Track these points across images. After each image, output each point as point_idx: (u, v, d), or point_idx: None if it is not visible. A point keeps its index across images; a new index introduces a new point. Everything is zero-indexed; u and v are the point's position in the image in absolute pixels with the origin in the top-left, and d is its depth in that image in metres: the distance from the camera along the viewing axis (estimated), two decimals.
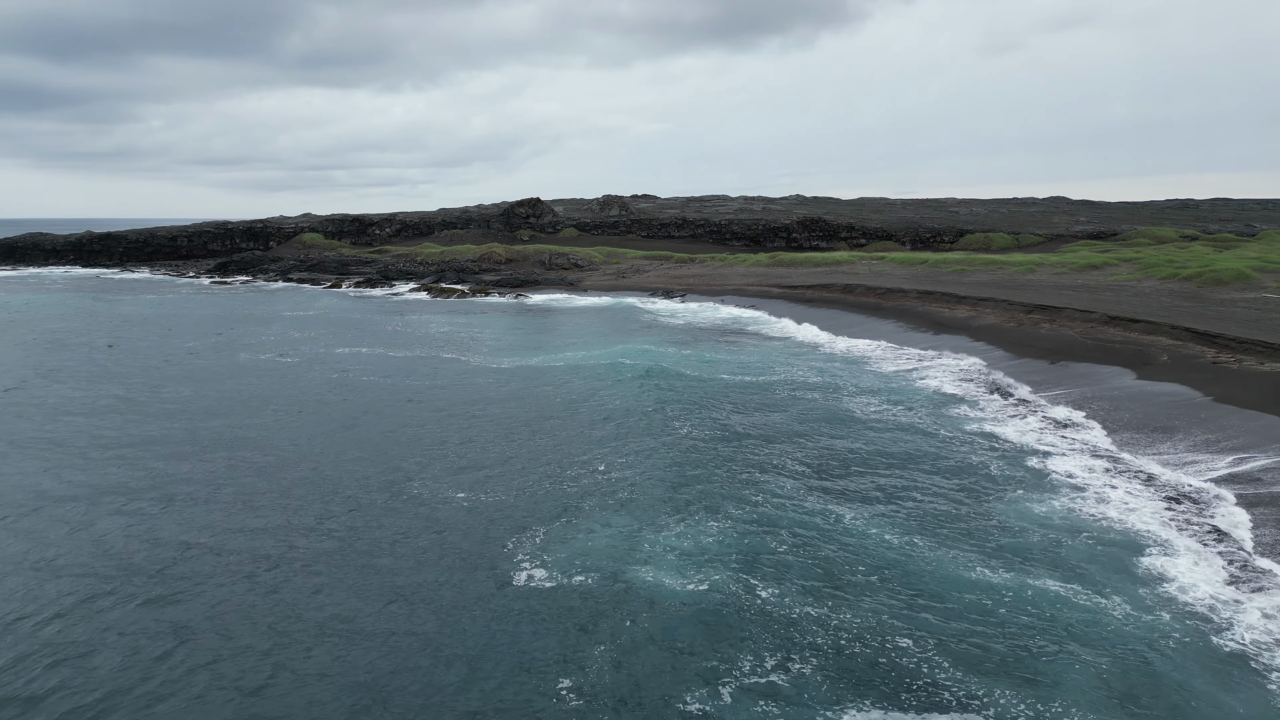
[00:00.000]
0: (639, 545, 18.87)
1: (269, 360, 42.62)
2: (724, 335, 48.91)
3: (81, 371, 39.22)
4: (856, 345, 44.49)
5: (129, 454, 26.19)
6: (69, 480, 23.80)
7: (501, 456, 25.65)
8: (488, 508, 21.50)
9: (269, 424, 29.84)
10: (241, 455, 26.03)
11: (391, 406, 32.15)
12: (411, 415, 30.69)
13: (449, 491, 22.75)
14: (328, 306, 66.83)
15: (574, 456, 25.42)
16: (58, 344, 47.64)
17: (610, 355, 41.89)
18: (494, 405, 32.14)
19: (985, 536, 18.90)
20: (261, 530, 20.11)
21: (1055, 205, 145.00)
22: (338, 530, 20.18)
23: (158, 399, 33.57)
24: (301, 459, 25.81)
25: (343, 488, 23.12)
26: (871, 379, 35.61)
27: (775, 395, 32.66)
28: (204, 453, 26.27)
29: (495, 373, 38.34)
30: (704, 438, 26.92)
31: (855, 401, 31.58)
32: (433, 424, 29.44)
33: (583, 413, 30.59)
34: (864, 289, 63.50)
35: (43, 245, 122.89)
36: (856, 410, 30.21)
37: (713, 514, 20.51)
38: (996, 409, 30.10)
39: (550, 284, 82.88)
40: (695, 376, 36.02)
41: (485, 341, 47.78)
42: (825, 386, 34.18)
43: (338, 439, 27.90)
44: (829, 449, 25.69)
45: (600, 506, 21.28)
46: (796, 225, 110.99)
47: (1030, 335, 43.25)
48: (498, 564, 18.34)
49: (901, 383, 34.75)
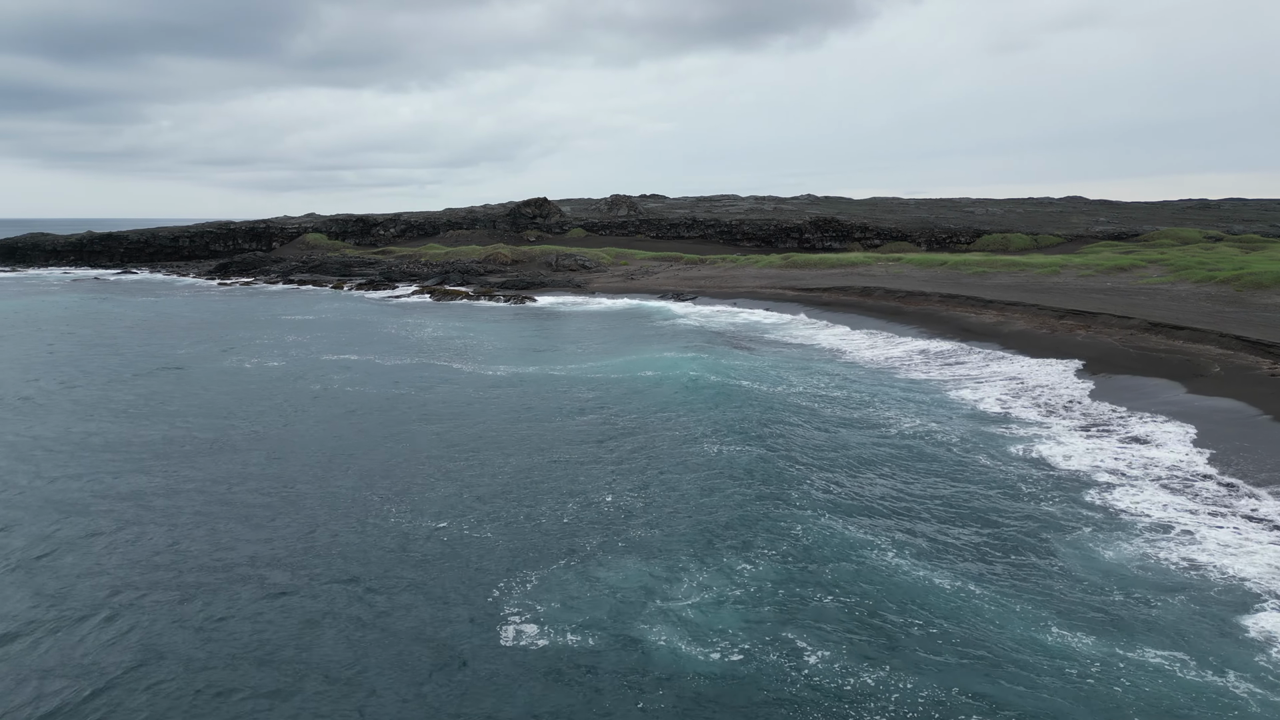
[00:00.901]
0: (652, 596, 16.29)
1: (253, 367, 40.15)
2: (741, 341, 46.29)
3: (44, 373, 36.83)
4: (880, 352, 41.83)
5: (58, 469, 23.71)
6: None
7: (493, 481, 23.10)
8: (474, 544, 18.96)
9: (232, 439, 27.33)
10: (188, 474, 23.51)
11: (373, 421, 29.60)
12: (393, 431, 28.16)
13: (429, 522, 20.21)
14: (326, 310, 64.45)
15: (576, 483, 22.85)
16: (37, 347, 45.32)
17: (620, 365, 39.32)
18: (488, 421, 29.59)
19: (1054, 586, 16.25)
20: (197, 568, 17.59)
21: (1073, 205, 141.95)
22: (295, 568, 17.65)
23: (113, 404, 31.12)
24: (260, 481, 23.28)
25: (307, 517, 20.59)
26: (900, 391, 32.95)
27: (799, 409, 30.03)
28: (149, 467, 23.76)
29: (492, 384, 35.78)
30: (726, 460, 24.31)
31: (885, 416, 28.93)
32: (417, 442, 26.90)
33: (586, 431, 28.02)
34: (883, 292, 60.78)
35: (43, 246, 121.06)
36: (888, 427, 27.56)
37: (741, 555, 17.88)
38: (1042, 427, 27.41)
39: (557, 286, 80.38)
40: (714, 388, 33.40)
41: (484, 348, 45.26)
42: (852, 400, 31.54)
43: (306, 459, 25.34)
44: (863, 473, 23.06)
45: (606, 545, 18.70)
46: (809, 225, 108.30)
47: (1065, 343, 40.50)
48: (482, 615, 15.80)
49: (933, 395, 32.08)
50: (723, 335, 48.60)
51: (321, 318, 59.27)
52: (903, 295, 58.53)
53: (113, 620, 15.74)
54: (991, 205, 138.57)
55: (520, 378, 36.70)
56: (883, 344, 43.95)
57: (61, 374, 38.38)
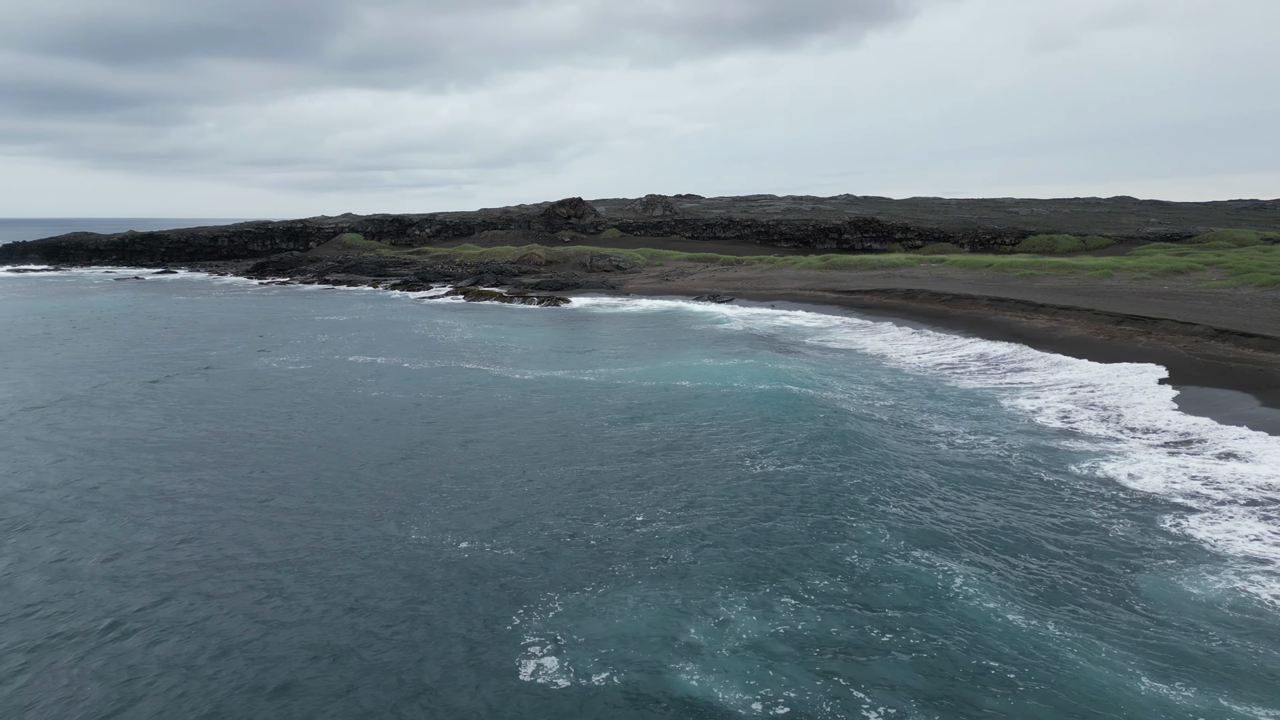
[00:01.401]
0: (685, 631, 14.84)
1: (279, 368, 39.33)
2: (783, 346, 44.62)
3: (78, 374, 36.32)
4: (928, 358, 39.93)
5: (77, 466, 22.86)
6: None
7: (518, 496, 21.79)
8: (496, 565, 17.65)
9: (247, 446, 26.34)
10: (203, 477, 22.51)
11: (396, 430, 28.45)
12: (416, 441, 26.96)
13: (450, 540, 18.95)
14: (359, 310, 63.82)
15: (607, 500, 21.45)
16: (75, 348, 45.05)
17: (656, 371, 37.89)
18: (516, 430, 28.32)
19: (1140, 627, 14.54)
20: (207, 582, 16.49)
21: (1121, 205, 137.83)
22: (303, 588, 16.47)
23: (137, 406, 30.37)
24: (277, 490, 22.20)
25: (319, 532, 19.43)
26: (953, 401, 31.12)
27: (847, 421, 28.37)
28: (167, 472, 22.82)
29: (522, 389, 34.52)
30: (771, 479, 22.77)
31: (939, 429, 27.17)
32: (440, 453, 25.68)
33: (619, 442, 26.62)
34: (927, 294, 58.67)
35: (86, 245, 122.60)
36: (943, 441, 25.81)
37: (787, 587, 16.34)
38: (1108, 442, 25.50)
39: (591, 287, 79.19)
40: (756, 398, 31.84)
41: (516, 352, 44.08)
42: (902, 410, 29.81)
43: (321, 470, 24.23)
44: (920, 494, 21.39)
45: (637, 571, 17.28)
46: (848, 226, 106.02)
47: (1125, 350, 38.31)
48: (499, 646, 14.49)
49: (989, 406, 30.21)
50: (763, 339, 46.95)
51: (353, 318, 58.60)
52: (948, 298, 56.41)
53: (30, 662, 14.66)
54: (1036, 205, 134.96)
55: (551, 384, 35.43)
56: (930, 349, 42.03)
57: (94, 377, 37.87)
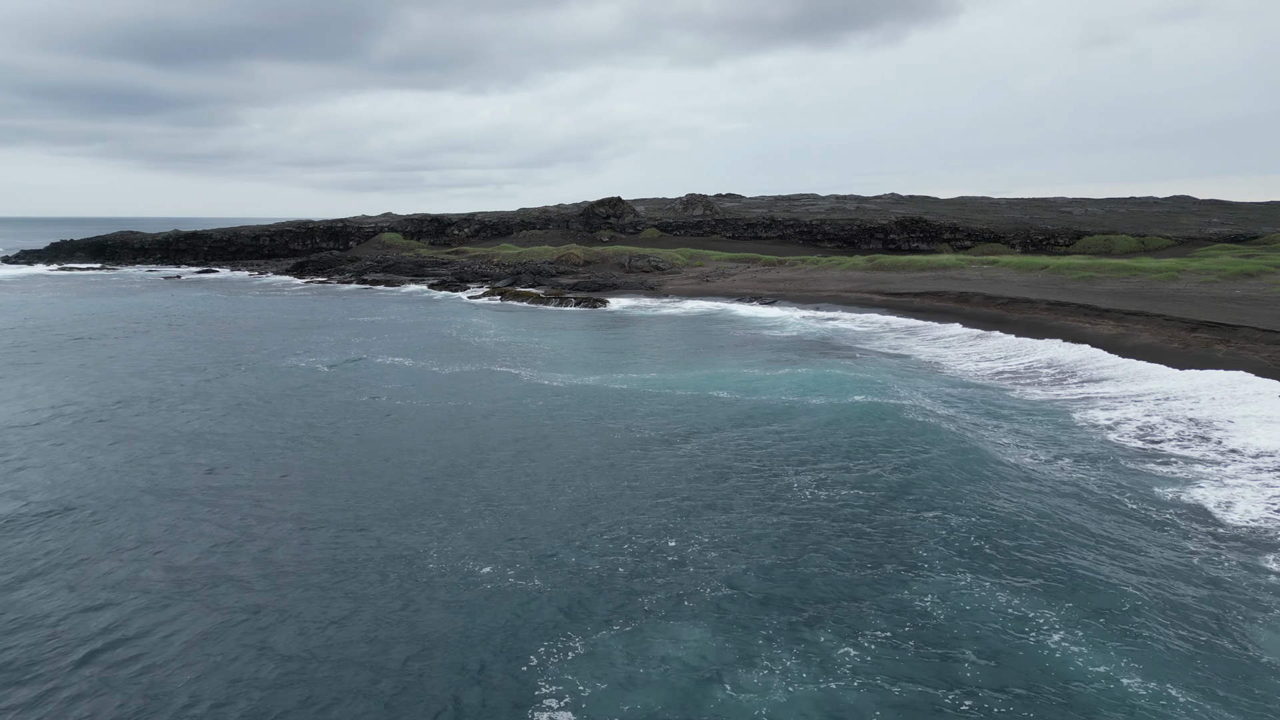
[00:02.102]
0: (722, 681, 12.94)
1: (307, 368, 38.10)
2: (830, 353, 42.42)
3: (98, 376, 35.47)
4: (988, 365, 37.46)
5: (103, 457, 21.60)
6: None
7: (541, 517, 20.02)
8: (516, 597, 15.89)
9: (267, 447, 24.95)
10: (213, 484, 21.11)
11: (416, 439, 26.88)
12: (437, 453, 25.32)
13: (470, 566, 17.24)
14: (393, 311, 62.74)
15: (639, 525, 19.59)
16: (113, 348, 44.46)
17: (695, 379, 35.95)
18: (545, 442, 26.59)
19: (1273, 689, 12.34)
20: (206, 601, 14.96)
21: (1179, 205, 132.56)
22: (304, 620, 14.86)
23: (154, 406, 29.23)
24: (286, 504, 20.71)
25: (328, 553, 17.85)
26: (1021, 414, 28.69)
27: (907, 437, 26.19)
28: (181, 474, 21.47)
29: (551, 396, 32.78)
30: (825, 504, 20.74)
31: (1008, 447, 24.84)
32: (462, 468, 23.99)
33: (654, 459, 24.74)
34: (981, 298, 55.93)
35: (131, 244, 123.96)
36: (1012, 460, 23.50)
37: (843, 632, 14.34)
38: (1200, 464, 23.03)
39: (630, 288, 77.44)
40: (805, 410, 29.74)
41: (549, 355, 42.44)
42: (965, 425, 27.49)
43: (336, 482, 22.69)
44: (991, 523, 19.19)
45: (669, 608, 15.40)
46: (894, 226, 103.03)
47: (1203, 360, 35.49)
48: (512, 691, 12.78)
49: (1058, 420, 27.79)
50: (811, 345, 44.75)
51: (388, 319, 57.49)
52: (1004, 302, 53.64)
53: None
54: (1090, 205, 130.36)
55: (584, 393, 33.67)
56: (992, 356, 39.53)
57: (120, 381, 37.01)
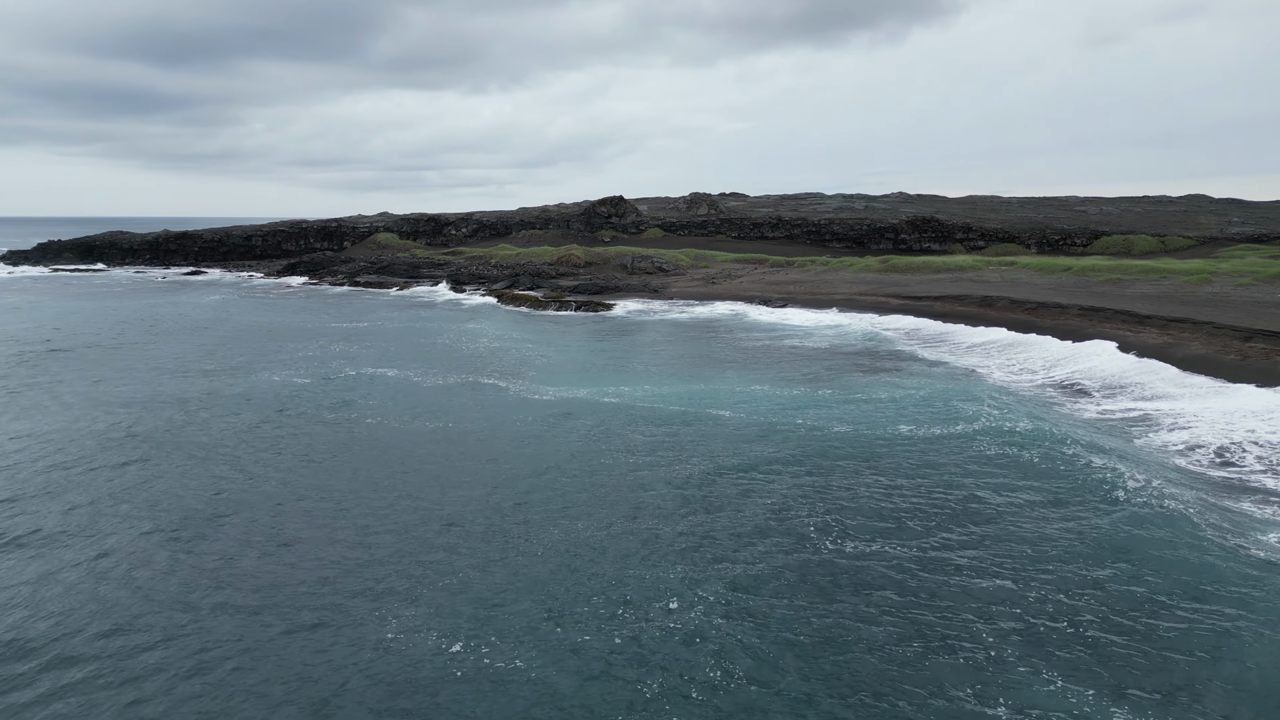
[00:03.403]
0: None
1: (280, 383, 34.81)
2: (853, 364, 39.32)
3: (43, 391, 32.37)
4: (1029, 378, 34.32)
5: None
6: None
7: (516, 569, 16.89)
8: (491, 684, 12.78)
9: (206, 482, 21.84)
10: (137, 524, 18.02)
11: (384, 471, 23.68)
12: (405, 486, 22.13)
13: (436, 642, 14.11)
14: (383, 316, 59.54)
15: (633, 580, 16.43)
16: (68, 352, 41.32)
17: (703, 395, 32.83)
18: (525, 470, 23.47)
19: None
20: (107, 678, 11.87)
21: (1196, 204, 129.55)
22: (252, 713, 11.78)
23: (68, 445, 26.13)
24: (202, 573, 17.60)
25: (255, 630, 14.75)
26: (1077, 434, 25.54)
27: (951, 467, 23.09)
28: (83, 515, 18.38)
29: (541, 413, 29.52)
30: (855, 560, 17.64)
31: (1067, 475, 21.70)
32: (431, 506, 20.83)
33: (654, 496, 21.60)
34: (1007, 302, 52.81)
35: (120, 244, 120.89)
36: (1077, 493, 20.38)
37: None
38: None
39: (633, 290, 74.30)
40: (829, 439, 26.65)
41: (543, 365, 39.29)
42: (1018, 448, 24.29)
43: (281, 523, 19.60)
44: (1080, 588, 16.10)
45: (672, 702, 12.28)
46: (905, 225, 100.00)
47: (1266, 373, 32.37)
48: None
49: (1122, 442, 24.65)
50: (837, 355, 41.60)
51: (375, 325, 54.33)
52: (1032, 307, 50.53)
53: None
54: (1105, 204, 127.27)
55: (577, 409, 30.52)
56: (1031, 367, 36.40)
57: (47, 413, 33.87)
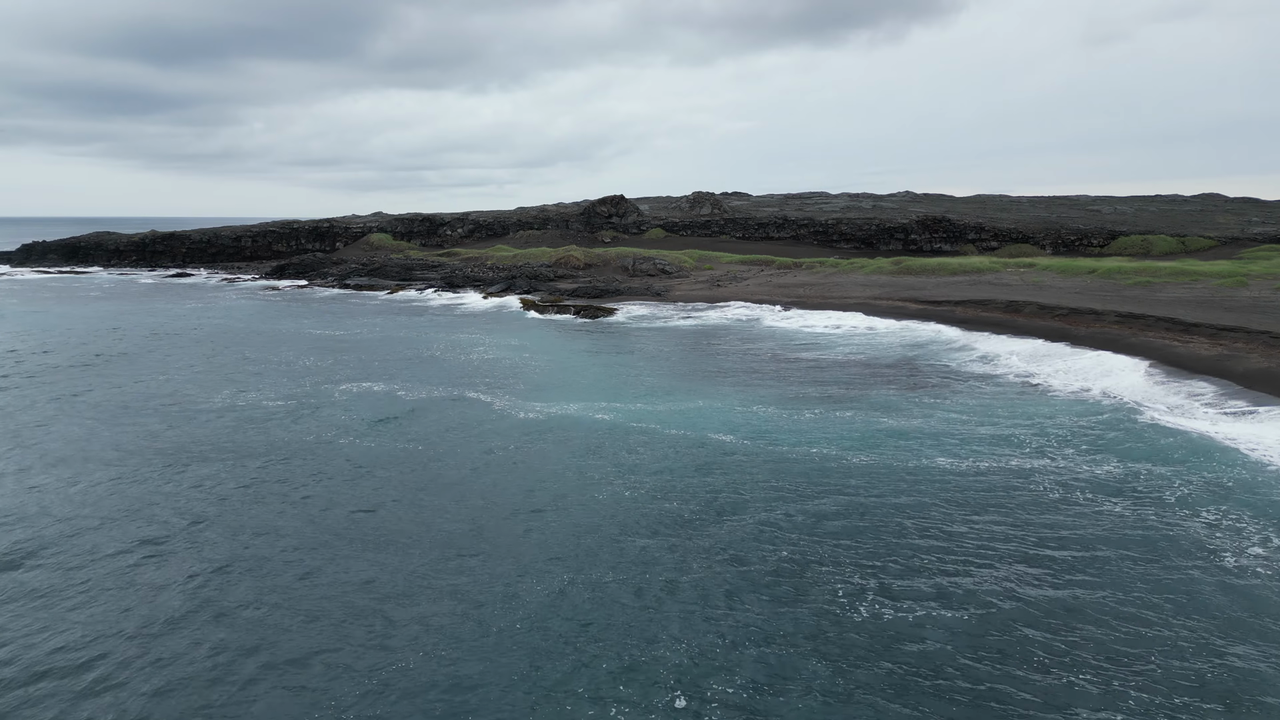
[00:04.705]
0: None
1: (248, 405, 31.34)
2: (882, 378, 35.91)
3: None
4: (1096, 390, 30.90)
5: None
6: None
7: (492, 634, 13.51)
8: None
9: (138, 528, 18.45)
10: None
11: (345, 498, 20.35)
12: (363, 521, 18.86)
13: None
14: (367, 323, 56.02)
15: (621, 641, 13.09)
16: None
17: (711, 414, 29.44)
18: (507, 502, 20.06)
19: None
20: None
21: (1211, 203, 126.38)
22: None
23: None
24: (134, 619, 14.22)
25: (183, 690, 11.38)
26: (1172, 454, 22.10)
27: (1053, 515, 19.66)
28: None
29: (528, 433, 26.26)
30: (901, 627, 14.26)
31: (1174, 507, 18.30)
32: (399, 544, 17.53)
33: (651, 541, 18.25)
34: (1035, 308, 49.41)
35: (106, 245, 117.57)
36: (1189, 535, 16.97)
37: None
38: None
39: (634, 293, 70.87)
40: (885, 472, 23.24)
41: (535, 378, 35.89)
42: (1122, 478, 20.97)
43: (217, 580, 16.23)
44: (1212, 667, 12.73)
45: None
46: (915, 225, 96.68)
47: None
48: None
49: (1222, 466, 21.24)
50: (855, 367, 38.16)
51: (361, 333, 50.83)
52: (1064, 313, 47.13)
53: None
54: (1119, 203, 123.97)
55: (570, 429, 27.12)
56: (1093, 380, 32.94)
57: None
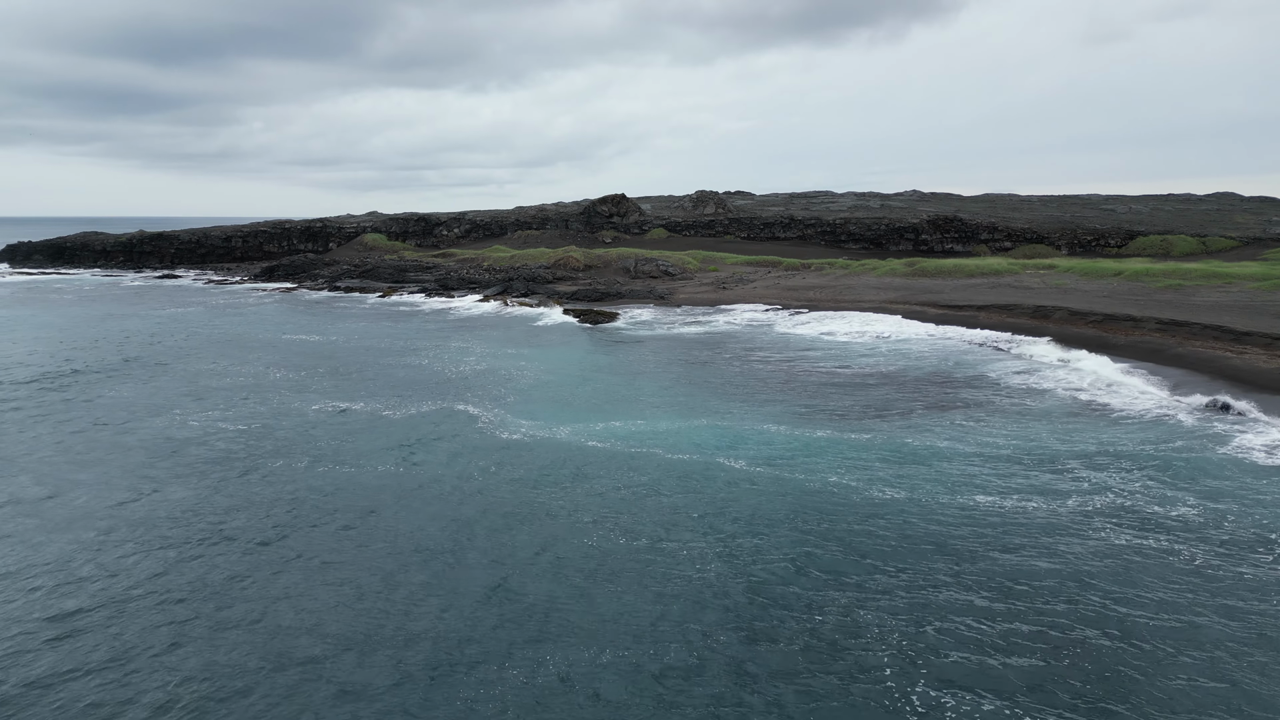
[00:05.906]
0: None
1: (199, 429, 28.05)
2: (920, 394, 32.72)
3: None
4: (1153, 408, 27.73)
5: None
6: None
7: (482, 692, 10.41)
8: None
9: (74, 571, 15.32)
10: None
11: (304, 536, 17.22)
12: (323, 566, 15.77)
13: None
14: (352, 330, 52.71)
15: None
16: None
17: (713, 437, 26.28)
18: (483, 544, 16.92)
19: None
20: None
21: (1227, 202, 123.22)
22: None
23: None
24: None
25: None
26: (1264, 483, 19.01)
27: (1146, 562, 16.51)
28: None
29: (512, 461, 23.13)
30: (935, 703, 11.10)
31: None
32: (370, 589, 14.40)
33: (641, 593, 15.13)
34: (1065, 314, 46.21)
35: (93, 246, 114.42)
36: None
37: None
38: None
39: (636, 296, 67.67)
40: (906, 514, 20.10)
41: (526, 389, 32.74)
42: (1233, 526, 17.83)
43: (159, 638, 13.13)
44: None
45: None
46: (926, 225, 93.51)
47: None
48: None
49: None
50: (890, 381, 34.95)
51: (345, 340, 47.61)
52: (1098, 319, 43.95)
53: None
54: (1133, 203, 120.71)
55: (562, 454, 23.96)
56: (1160, 397, 29.76)
57: None
